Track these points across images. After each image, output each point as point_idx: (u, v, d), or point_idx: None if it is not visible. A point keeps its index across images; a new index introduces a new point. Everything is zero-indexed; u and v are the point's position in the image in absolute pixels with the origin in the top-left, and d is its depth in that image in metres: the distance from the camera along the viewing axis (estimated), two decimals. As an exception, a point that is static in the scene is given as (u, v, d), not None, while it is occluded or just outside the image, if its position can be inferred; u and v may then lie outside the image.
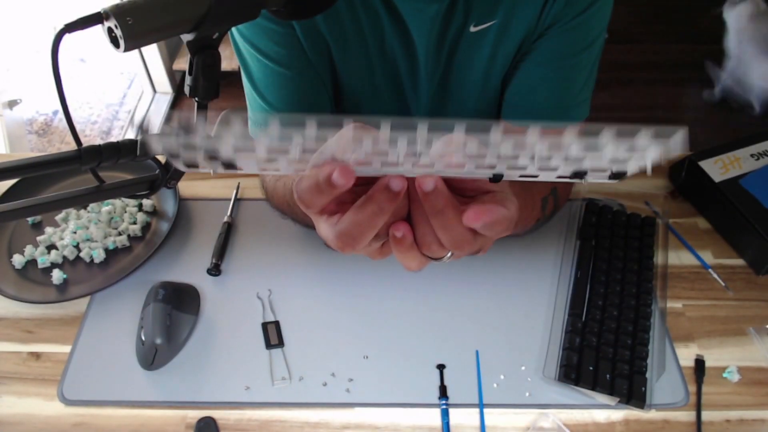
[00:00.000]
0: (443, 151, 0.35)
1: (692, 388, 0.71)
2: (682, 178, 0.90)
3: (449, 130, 0.36)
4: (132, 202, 0.91)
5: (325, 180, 0.36)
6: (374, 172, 0.36)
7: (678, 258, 0.84)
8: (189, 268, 0.84)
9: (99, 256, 0.84)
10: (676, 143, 0.34)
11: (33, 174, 0.43)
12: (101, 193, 0.46)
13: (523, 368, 0.73)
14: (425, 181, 0.37)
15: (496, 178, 0.38)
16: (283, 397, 0.71)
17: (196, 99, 0.48)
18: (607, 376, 0.69)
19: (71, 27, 0.40)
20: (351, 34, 0.73)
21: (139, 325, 0.75)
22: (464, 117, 0.86)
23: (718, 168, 0.86)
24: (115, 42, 0.41)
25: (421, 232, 0.40)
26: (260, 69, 0.76)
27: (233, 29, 0.75)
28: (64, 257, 0.85)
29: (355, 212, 0.38)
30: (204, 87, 0.47)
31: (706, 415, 0.68)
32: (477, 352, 0.74)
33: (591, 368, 0.70)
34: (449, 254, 0.41)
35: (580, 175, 0.36)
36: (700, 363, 0.73)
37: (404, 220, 0.40)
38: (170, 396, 0.71)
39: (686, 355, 0.74)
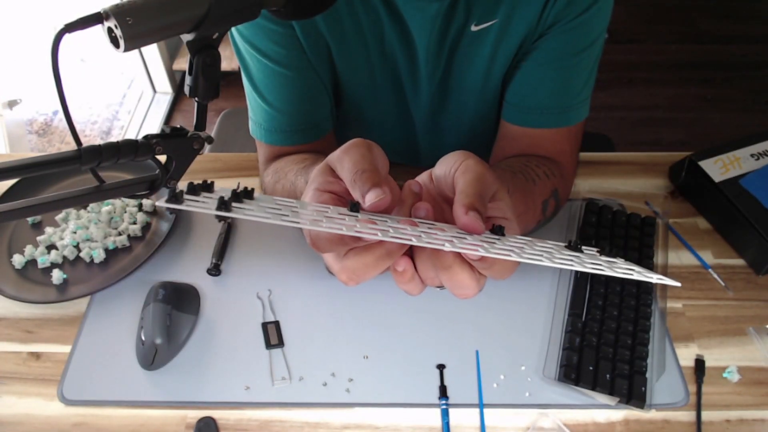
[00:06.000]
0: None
1: (692, 388, 0.71)
2: (682, 178, 0.90)
3: None
4: (132, 202, 0.91)
5: (352, 235, 0.36)
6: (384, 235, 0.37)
7: (678, 258, 0.84)
8: (189, 268, 0.84)
9: (99, 256, 0.84)
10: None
11: (33, 174, 0.43)
12: (101, 193, 0.46)
13: (523, 368, 0.73)
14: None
15: (498, 230, 0.39)
16: (283, 397, 0.71)
17: (196, 99, 0.48)
18: (607, 376, 0.69)
19: (71, 27, 0.40)
20: (351, 33, 0.73)
21: (139, 325, 0.75)
22: (464, 116, 0.86)
23: (718, 168, 0.86)
24: (115, 42, 0.41)
25: (423, 270, 0.41)
26: (260, 69, 0.76)
27: (233, 29, 0.75)
28: (64, 257, 0.85)
29: (363, 253, 0.38)
30: (204, 87, 0.47)
31: (706, 415, 0.68)
32: (477, 352, 0.74)
33: (591, 368, 0.70)
34: None
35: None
36: (700, 363, 0.73)
37: (406, 254, 0.40)
38: (170, 396, 0.71)
39: (686, 355, 0.74)
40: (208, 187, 0.38)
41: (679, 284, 0.35)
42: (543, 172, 0.75)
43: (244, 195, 0.39)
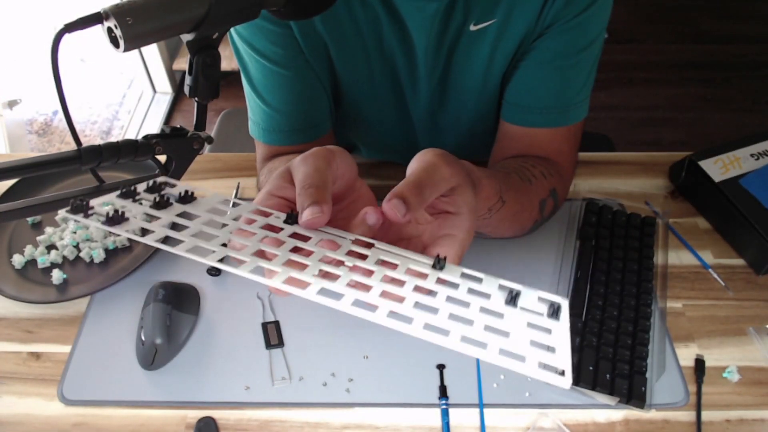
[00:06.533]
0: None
1: (692, 388, 0.71)
2: (682, 177, 0.90)
3: None
4: (132, 202, 0.91)
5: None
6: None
7: (678, 258, 0.84)
8: (189, 268, 0.84)
9: (99, 256, 0.84)
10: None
11: (33, 174, 0.43)
12: (101, 193, 0.46)
13: (523, 368, 0.72)
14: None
15: (437, 263, 0.40)
16: (283, 397, 0.71)
17: (196, 99, 0.49)
18: (607, 375, 0.69)
19: (71, 27, 0.40)
20: (349, 33, 0.73)
21: (139, 325, 0.75)
22: (463, 116, 0.86)
23: (718, 168, 0.86)
24: (114, 42, 0.41)
25: None
26: (258, 69, 0.76)
27: (231, 30, 0.75)
28: (64, 257, 0.85)
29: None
30: (204, 87, 0.47)
31: (706, 415, 0.68)
32: (477, 352, 0.74)
33: (591, 368, 0.70)
34: None
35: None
36: (700, 363, 0.73)
37: None
38: (170, 396, 0.71)
39: (686, 355, 0.74)
40: (132, 193, 0.39)
41: (568, 384, 0.33)
42: (539, 171, 0.75)
43: (182, 200, 0.40)
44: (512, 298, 0.37)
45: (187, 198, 0.41)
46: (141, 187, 0.42)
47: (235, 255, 0.37)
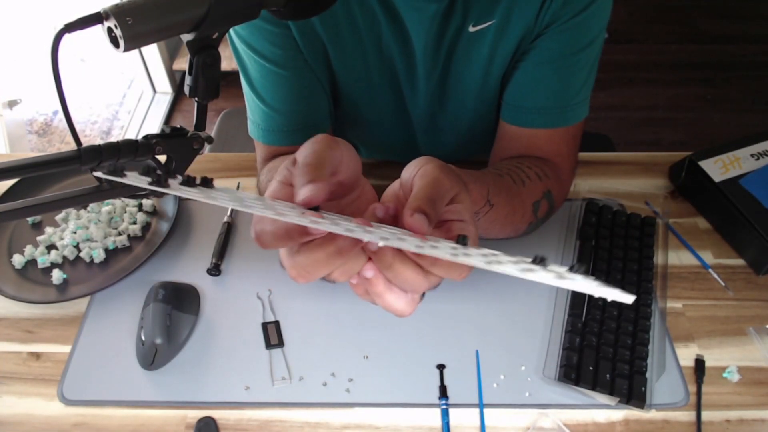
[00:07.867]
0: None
1: (692, 388, 0.71)
2: (682, 178, 0.90)
3: None
4: (132, 202, 0.91)
5: (298, 230, 0.37)
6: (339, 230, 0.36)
7: (678, 258, 0.84)
8: (189, 268, 0.84)
9: (99, 256, 0.84)
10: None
11: (33, 174, 0.43)
12: (101, 193, 0.46)
13: (523, 368, 0.73)
14: (371, 241, 0.38)
15: (461, 240, 0.39)
16: (283, 397, 0.71)
17: (196, 99, 0.48)
18: (607, 376, 0.69)
19: (71, 27, 0.40)
20: (347, 33, 0.73)
21: (139, 325, 0.75)
22: (463, 117, 0.86)
23: (718, 168, 0.86)
24: (114, 42, 0.41)
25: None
26: (257, 69, 0.76)
27: (230, 30, 0.75)
28: (64, 257, 0.85)
29: (314, 250, 0.38)
30: (204, 87, 0.47)
31: (706, 415, 0.68)
32: (477, 351, 0.74)
33: (591, 368, 0.70)
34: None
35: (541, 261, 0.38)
36: (700, 363, 0.73)
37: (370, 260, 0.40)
38: (170, 396, 0.71)
39: (686, 355, 0.74)
40: (150, 171, 0.38)
41: (630, 300, 0.35)
42: (534, 173, 0.75)
43: (202, 183, 0.39)
44: (541, 260, 0.38)
45: (207, 182, 0.40)
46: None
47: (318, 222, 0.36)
